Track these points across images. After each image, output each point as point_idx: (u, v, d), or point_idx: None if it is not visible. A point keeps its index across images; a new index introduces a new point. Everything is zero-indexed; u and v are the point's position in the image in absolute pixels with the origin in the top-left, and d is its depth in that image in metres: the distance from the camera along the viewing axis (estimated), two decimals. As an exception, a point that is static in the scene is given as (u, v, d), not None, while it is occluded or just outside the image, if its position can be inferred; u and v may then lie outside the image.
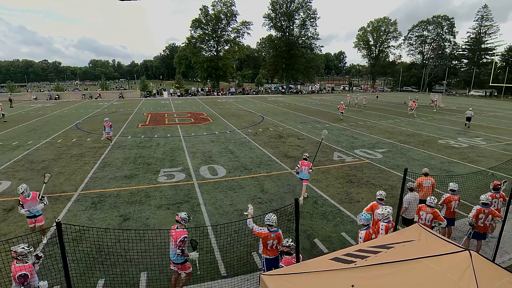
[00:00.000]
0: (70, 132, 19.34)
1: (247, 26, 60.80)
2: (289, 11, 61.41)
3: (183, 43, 67.43)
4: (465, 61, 75.96)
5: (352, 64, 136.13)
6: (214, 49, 61.09)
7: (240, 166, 12.41)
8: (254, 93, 60.89)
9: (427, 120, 25.41)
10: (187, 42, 60.95)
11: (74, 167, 12.16)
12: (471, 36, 71.26)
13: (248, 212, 5.48)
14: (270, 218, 5.07)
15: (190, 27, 58.83)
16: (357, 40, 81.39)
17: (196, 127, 21.42)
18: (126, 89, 67.15)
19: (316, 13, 62.14)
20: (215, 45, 60.76)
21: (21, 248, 4.07)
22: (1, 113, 23.85)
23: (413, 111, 28.09)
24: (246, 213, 5.54)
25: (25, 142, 16.39)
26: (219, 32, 59.65)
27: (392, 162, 13.06)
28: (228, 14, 58.52)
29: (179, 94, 55.58)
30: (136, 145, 15.82)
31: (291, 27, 63.28)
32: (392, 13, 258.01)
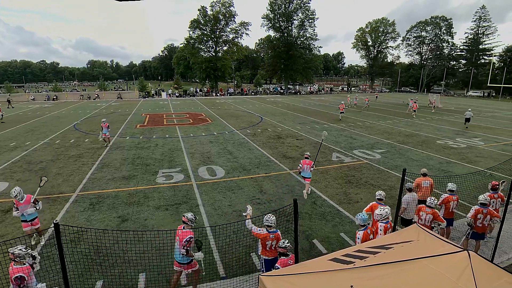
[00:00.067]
0: (68, 133, 19.28)
1: (246, 27, 60.85)
2: (288, 12, 61.55)
3: (182, 44, 67.37)
4: (463, 62, 76.34)
5: (351, 65, 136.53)
6: (213, 50, 61.05)
7: (239, 167, 12.40)
8: (253, 94, 60.94)
9: (426, 121, 25.49)
10: (186, 43, 60.88)
11: (72, 168, 12.12)
12: (469, 37, 71.62)
13: (247, 213, 5.48)
14: (269, 219, 5.06)
15: (189, 28, 58.83)
16: (356, 41, 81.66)
17: (195, 128, 21.40)
18: (125, 90, 67.03)
19: (315, 14, 62.42)
20: (214, 46, 60.73)
21: (19, 250, 4.05)
22: (0, 114, 23.76)
23: (415, 112, 28.24)
24: (245, 214, 5.53)
25: (23, 143, 16.32)
26: (218, 33, 59.62)
27: (391, 163, 13.09)
28: (227, 15, 58.51)
29: (178, 95, 55.56)
30: (135, 146, 15.79)
31: (290, 28, 63.41)
32: (391, 14, 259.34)
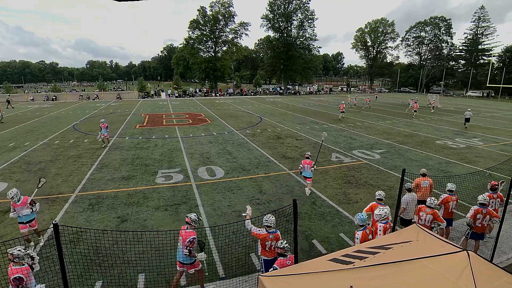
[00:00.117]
0: (68, 133, 19.26)
1: (245, 27, 60.92)
2: (287, 12, 61.60)
3: (181, 44, 67.53)
4: (462, 62, 76.55)
5: (350, 65, 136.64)
6: (212, 50, 61.09)
7: (238, 167, 12.39)
8: (252, 94, 60.94)
9: (425, 121, 25.52)
10: (185, 43, 60.92)
11: (72, 169, 12.11)
12: (468, 37, 71.81)
13: (246, 213, 5.48)
14: (268, 219, 5.06)
15: (188, 28, 58.92)
16: (355, 41, 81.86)
17: (194, 128, 21.39)
18: (124, 90, 67.04)
19: (314, 14, 62.51)
20: (213, 46, 60.77)
21: (18, 251, 4.04)
22: (0, 114, 23.72)
23: (415, 112, 28.33)
24: (244, 214, 5.53)
25: (22, 143, 16.30)
26: (217, 33, 59.65)
27: (390, 163, 13.10)
28: (226, 15, 58.54)
29: (177, 95, 55.53)
30: (134, 146, 15.78)
31: (289, 28, 63.48)
32: (390, 14, 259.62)
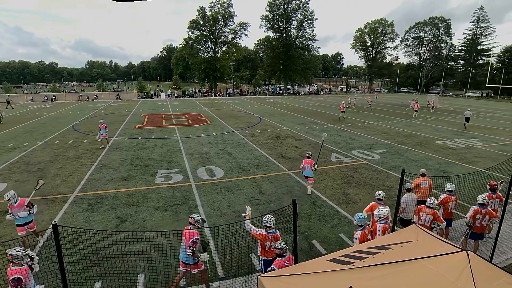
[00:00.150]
0: (67, 134, 19.24)
1: (245, 27, 60.98)
2: (287, 13, 61.68)
3: (181, 44, 67.55)
4: (462, 62, 76.68)
5: (350, 65, 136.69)
6: (212, 50, 61.11)
7: (238, 167, 12.39)
8: (252, 94, 60.92)
9: (424, 121, 25.54)
10: (185, 43, 60.92)
11: (71, 169, 12.09)
12: (468, 38, 71.96)
13: (246, 214, 5.47)
14: (268, 220, 5.06)
15: (188, 28, 58.99)
16: (354, 42, 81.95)
17: (194, 128, 21.38)
18: (123, 90, 66.95)
19: (313, 15, 62.60)
20: (213, 46, 60.79)
21: (17, 251, 4.03)
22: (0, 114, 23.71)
23: (416, 112, 28.42)
24: (244, 215, 5.53)
25: (21, 144, 16.27)
26: (217, 33, 59.67)
27: (390, 163, 13.10)
28: (226, 15, 58.57)
29: (177, 95, 55.48)
30: (133, 147, 15.77)
31: (289, 29, 63.55)
32: (389, 15, 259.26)
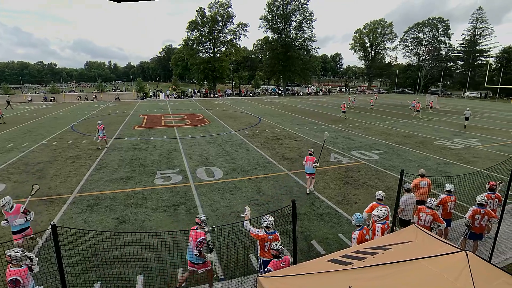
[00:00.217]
0: (66, 134, 19.21)
1: (244, 28, 60.91)
2: (286, 13, 61.71)
3: (180, 45, 67.36)
4: (460, 63, 76.82)
5: (349, 66, 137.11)
6: (211, 51, 61.07)
7: (237, 168, 12.39)
8: (251, 95, 60.93)
9: (423, 122, 25.58)
10: (184, 44, 60.83)
11: (70, 169, 12.07)
12: (466, 38, 72.12)
13: (245, 214, 5.48)
14: (267, 220, 5.06)
15: (187, 29, 58.84)
16: (353, 42, 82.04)
17: (193, 129, 21.37)
18: (122, 91, 66.79)
19: (313, 15, 62.65)
20: (212, 47, 60.75)
21: (15, 252, 4.02)
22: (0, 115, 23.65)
23: (419, 112, 28.56)
24: (243, 215, 5.53)
25: (20, 144, 16.24)
26: (216, 34, 59.64)
27: (389, 163, 13.12)
28: (225, 16, 58.55)
29: (176, 96, 55.47)
30: (133, 147, 15.75)
31: (288, 29, 63.56)
32: (388, 15, 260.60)
